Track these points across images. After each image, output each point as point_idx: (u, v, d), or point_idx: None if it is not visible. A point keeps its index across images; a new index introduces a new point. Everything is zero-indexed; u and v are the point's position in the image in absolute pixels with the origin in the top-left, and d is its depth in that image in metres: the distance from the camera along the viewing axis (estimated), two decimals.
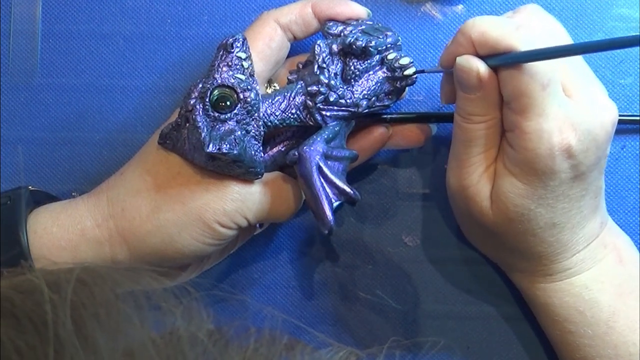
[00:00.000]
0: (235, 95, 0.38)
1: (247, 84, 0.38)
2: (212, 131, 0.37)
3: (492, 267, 0.47)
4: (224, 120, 0.38)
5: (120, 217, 0.40)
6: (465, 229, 0.44)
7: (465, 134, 0.39)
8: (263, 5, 0.49)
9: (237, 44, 0.39)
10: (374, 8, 0.49)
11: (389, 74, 0.41)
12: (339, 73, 0.41)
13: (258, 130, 0.39)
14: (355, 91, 0.40)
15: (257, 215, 0.41)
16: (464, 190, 0.40)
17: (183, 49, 0.49)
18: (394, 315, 0.47)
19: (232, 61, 0.38)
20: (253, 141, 0.39)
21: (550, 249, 0.40)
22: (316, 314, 0.47)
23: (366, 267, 0.47)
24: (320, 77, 0.40)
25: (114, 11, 0.49)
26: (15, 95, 0.49)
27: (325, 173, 0.40)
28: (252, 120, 0.39)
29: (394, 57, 0.41)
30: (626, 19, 0.48)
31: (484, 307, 0.47)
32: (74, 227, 0.40)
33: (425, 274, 0.47)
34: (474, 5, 0.48)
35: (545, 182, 0.37)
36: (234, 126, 0.38)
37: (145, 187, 0.40)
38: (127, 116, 0.48)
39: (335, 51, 0.40)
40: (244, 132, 0.38)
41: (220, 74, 0.38)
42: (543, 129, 0.36)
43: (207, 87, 0.38)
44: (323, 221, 0.39)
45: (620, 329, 0.40)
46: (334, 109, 0.40)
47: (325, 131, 0.40)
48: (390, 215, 0.48)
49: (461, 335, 0.47)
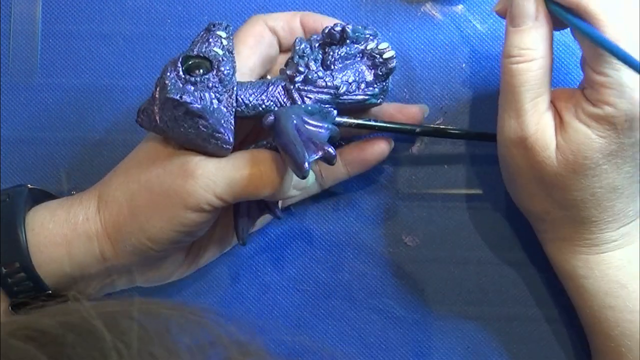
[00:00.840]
0: (209, 65, 0.38)
1: (223, 56, 0.38)
2: (181, 86, 0.37)
3: (492, 267, 0.47)
4: (195, 83, 0.37)
5: (104, 210, 0.40)
6: (515, 185, 0.43)
7: (517, 77, 0.39)
8: (263, 5, 0.49)
9: (220, 26, 0.39)
10: (374, 8, 0.49)
11: (369, 63, 0.41)
12: (318, 60, 0.41)
13: (230, 103, 0.38)
14: (335, 76, 0.40)
15: (232, 193, 0.39)
16: (523, 141, 0.39)
17: (183, 49, 0.48)
18: (393, 315, 0.47)
19: (212, 38, 0.38)
20: (223, 110, 0.38)
21: (603, 215, 0.40)
22: (316, 314, 0.47)
23: (366, 267, 0.47)
24: (299, 61, 0.40)
25: (114, 11, 0.49)
26: (15, 95, 0.49)
27: (302, 130, 0.38)
28: (225, 92, 0.38)
29: (373, 46, 0.41)
30: None
31: (484, 307, 0.47)
32: (67, 222, 0.40)
33: (425, 274, 0.47)
34: (474, 5, 0.48)
35: (621, 139, 0.37)
36: (205, 90, 0.37)
37: (128, 179, 0.40)
38: (127, 116, 0.48)
39: (315, 46, 0.41)
40: (214, 99, 0.38)
41: (197, 47, 0.38)
42: (624, 84, 0.36)
43: (181, 57, 0.38)
44: (298, 165, 0.36)
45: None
46: (314, 90, 0.40)
47: (306, 105, 0.40)
48: (390, 215, 0.48)
49: (461, 335, 0.47)
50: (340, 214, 0.48)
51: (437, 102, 0.48)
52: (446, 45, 0.48)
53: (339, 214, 0.48)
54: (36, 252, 0.39)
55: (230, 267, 0.48)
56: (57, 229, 0.40)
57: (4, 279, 0.39)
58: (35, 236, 0.39)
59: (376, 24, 0.48)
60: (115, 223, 0.40)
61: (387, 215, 0.48)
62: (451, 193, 0.47)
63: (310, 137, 0.38)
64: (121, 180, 0.40)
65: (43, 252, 0.39)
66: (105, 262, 0.41)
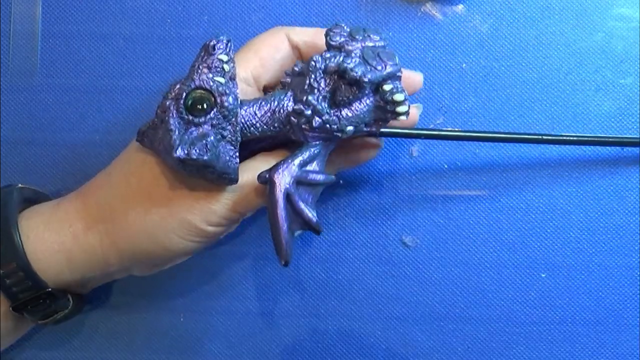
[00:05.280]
0: (212, 99, 0.37)
1: (225, 87, 0.37)
2: (184, 134, 0.36)
3: (492, 268, 0.47)
4: (198, 124, 0.36)
5: (109, 221, 0.40)
6: None
7: None
8: (263, 5, 0.49)
9: (220, 46, 0.37)
10: (374, 8, 0.49)
11: (380, 103, 0.39)
12: (328, 96, 0.38)
13: (235, 136, 0.37)
14: (342, 117, 0.38)
15: (249, 207, 0.40)
16: None
17: (183, 49, 0.49)
18: (393, 315, 0.47)
19: (213, 63, 0.37)
20: (228, 147, 0.37)
21: None
22: (316, 314, 0.47)
23: (366, 267, 0.47)
24: (309, 97, 0.38)
25: (114, 11, 0.49)
26: (15, 96, 0.49)
27: (293, 202, 0.39)
28: (229, 125, 0.37)
29: (389, 90, 0.38)
30: (626, 19, 0.48)
31: (484, 308, 0.47)
32: (65, 231, 0.40)
33: (425, 274, 0.47)
34: (474, 5, 0.48)
35: None
36: (208, 130, 0.36)
37: (131, 190, 0.39)
38: (127, 117, 0.48)
39: (330, 71, 0.38)
40: (218, 137, 0.37)
41: (199, 76, 0.37)
42: None
43: (183, 89, 0.37)
44: (280, 254, 0.38)
45: None
46: (317, 132, 0.39)
47: (304, 153, 0.39)
48: (390, 216, 0.48)
49: (461, 335, 0.47)
50: (340, 214, 0.48)
51: (437, 102, 0.48)
52: (446, 45, 0.48)
53: (339, 214, 0.48)
54: (33, 259, 0.39)
55: (230, 268, 0.48)
56: (54, 237, 0.40)
57: (2, 280, 0.39)
58: (31, 243, 0.39)
59: (376, 24, 0.48)
60: (124, 236, 0.40)
61: (387, 215, 0.48)
62: (451, 193, 0.48)
63: (298, 212, 0.39)
64: (122, 191, 0.40)
65: (40, 259, 0.39)
66: (110, 267, 0.41)
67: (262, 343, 0.47)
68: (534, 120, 0.48)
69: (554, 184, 0.47)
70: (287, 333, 0.47)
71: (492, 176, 0.47)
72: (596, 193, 0.47)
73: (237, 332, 0.47)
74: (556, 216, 0.47)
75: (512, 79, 0.48)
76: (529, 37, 0.48)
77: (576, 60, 0.48)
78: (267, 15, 0.49)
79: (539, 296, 0.47)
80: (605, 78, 0.47)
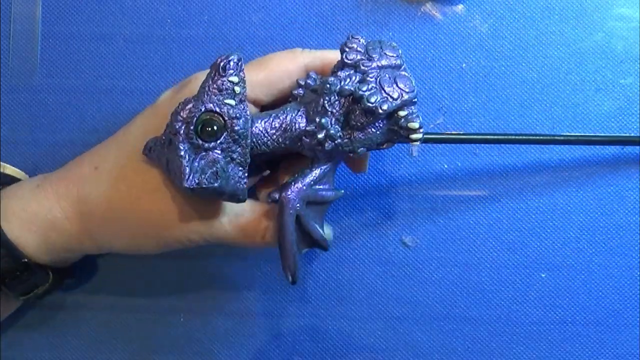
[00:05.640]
0: (222, 121, 0.36)
1: (236, 111, 0.36)
2: (194, 161, 0.36)
3: (492, 268, 0.47)
4: (208, 149, 0.36)
5: (89, 220, 0.40)
6: None
7: None
8: (263, 5, 0.49)
9: (231, 66, 0.37)
10: (374, 8, 0.49)
11: (395, 128, 0.38)
12: (342, 118, 0.38)
13: (244, 158, 0.37)
14: (354, 139, 0.38)
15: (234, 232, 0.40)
16: None
17: (183, 49, 0.49)
18: (393, 315, 0.47)
19: (224, 85, 0.36)
20: (237, 169, 0.37)
21: None
22: (316, 314, 0.47)
23: (366, 267, 0.47)
24: (322, 120, 0.37)
25: (114, 12, 0.49)
26: (15, 96, 0.49)
27: (303, 223, 0.39)
28: (239, 147, 0.37)
29: (404, 116, 0.37)
30: (626, 19, 0.48)
31: (484, 308, 0.47)
32: (43, 216, 0.40)
33: (425, 275, 0.47)
34: (474, 5, 0.48)
35: None
36: (218, 155, 0.36)
37: (119, 196, 0.39)
38: (127, 117, 0.48)
39: (345, 94, 0.37)
40: (227, 160, 0.36)
41: (209, 97, 0.36)
42: None
43: (194, 112, 0.36)
44: (288, 274, 0.39)
45: None
46: (328, 152, 0.38)
47: (314, 171, 0.39)
48: (390, 215, 0.48)
49: (461, 336, 0.47)
50: (340, 214, 0.48)
51: (437, 102, 0.48)
52: (446, 45, 0.48)
53: (339, 214, 0.48)
54: (11, 237, 0.39)
55: (230, 268, 0.48)
56: (31, 219, 0.40)
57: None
58: (7, 224, 0.40)
59: (376, 24, 0.48)
60: (104, 236, 0.40)
61: (387, 215, 0.48)
62: (451, 194, 0.48)
63: (307, 232, 0.39)
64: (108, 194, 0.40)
65: (18, 236, 0.40)
66: (87, 251, 0.42)
67: (262, 343, 0.47)
68: (534, 120, 0.47)
69: (554, 184, 0.47)
70: (287, 333, 0.47)
71: (492, 176, 0.47)
72: (596, 193, 0.47)
73: (237, 332, 0.47)
74: (556, 216, 0.47)
75: (512, 79, 0.48)
76: (529, 37, 0.48)
77: (576, 60, 0.48)
78: (267, 15, 0.49)
79: (539, 296, 0.47)
80: (605, 78, 0.47)
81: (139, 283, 0.48)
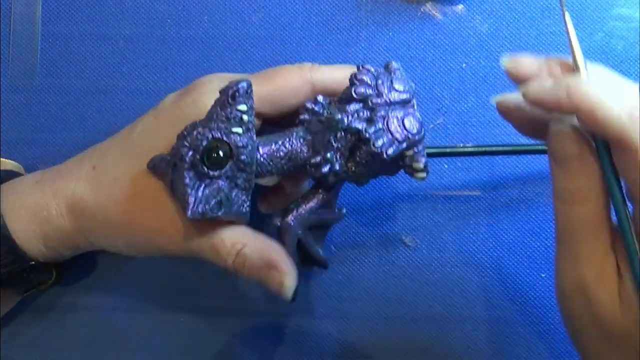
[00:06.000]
0: (229, 150, 0.36)
1: (243, 140, 0.36)
2: (198, 190, 0.36)
3: (492, 269, 0.47)
4: (213, 177, 0.36)
5: (82, 219, 0.40)
6: (580, 337, 0.34)
7: (572, 221, 0.33)
8: (263, 5, 0.49)
9: (240, 94, 0.36)
10: (374, 8, 0.49)
11: (400, 163, 0.38)
12: (347, 153, 0.38)
13: (249, 183, 0.37)
14: (359, 172, 0.38)
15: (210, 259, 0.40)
16: (583, 291, 0.32)
17: (183, 49, 0.49)
18: (394, 315, 0.47)
19: (232, 114, 0.36)
20: (240, 194, 0.37)
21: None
22: (316, 314, 0.47)
23: (366, 267, 0.47)
24: (328, 155, 0.37)
25: (114, 12, 0.49)
26: (15, 96, 0.49)
27: (305, 247, 0.39)
28: (244, 174, 0.37)
29: (410, 156, 0.38)
30: (626, 19, 0.48)
31: (484, 308, 0.47)
32: (40, 213, 0.40)
33: (425, 275, 0.47)
34: (474, 5, 0.48)
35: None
36: (223, 183, 0.36)
37: (113, 203, 0.39)
38: (127, 117, 0.48)
39: (352, 131, 0.37)
40: (232, 186, 0.37)
41: (216, 125, 0.36)
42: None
43: (201, 139, 0.36)
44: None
45: None
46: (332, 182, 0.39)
47: (316, 197, 0.39)
48: (390, 216, 0.48)
49: (461, 336, 0.47)
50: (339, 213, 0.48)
51: (437, 102, 0.48)
52: (446, 45, 0.48)
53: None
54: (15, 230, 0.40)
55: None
56: (29, 217, 0.40)
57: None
58: (7, 218, 0.40)
59: (376, 24, 0.48)
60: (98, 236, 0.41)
61: (387, 215, 0.48)
62: (451, 193, 0.48)
63: (312, 254, 0.40)
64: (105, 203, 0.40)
65: (19, 236, 0.40)
66: (82, 249, 0.42)
67: (262, 343, 0.47)
68: None
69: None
70: (287, 333, 0.47)
71: (492, 176, 0.47)
72: None
73: (237, 332, 0.47)
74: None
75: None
76: (529, 37, 0.48)
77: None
78: (267, 15, 0.49)
79: (539, 296, 0.47)
80: None
81: (139, 283, 0.48)
